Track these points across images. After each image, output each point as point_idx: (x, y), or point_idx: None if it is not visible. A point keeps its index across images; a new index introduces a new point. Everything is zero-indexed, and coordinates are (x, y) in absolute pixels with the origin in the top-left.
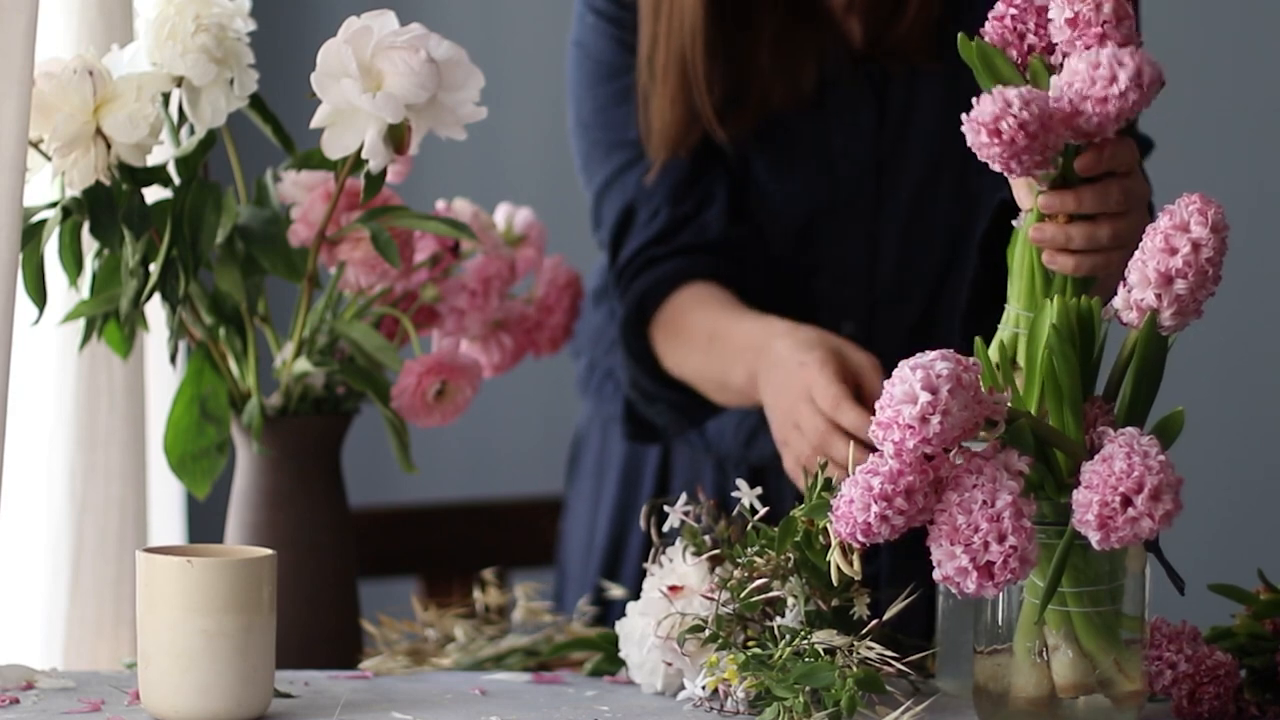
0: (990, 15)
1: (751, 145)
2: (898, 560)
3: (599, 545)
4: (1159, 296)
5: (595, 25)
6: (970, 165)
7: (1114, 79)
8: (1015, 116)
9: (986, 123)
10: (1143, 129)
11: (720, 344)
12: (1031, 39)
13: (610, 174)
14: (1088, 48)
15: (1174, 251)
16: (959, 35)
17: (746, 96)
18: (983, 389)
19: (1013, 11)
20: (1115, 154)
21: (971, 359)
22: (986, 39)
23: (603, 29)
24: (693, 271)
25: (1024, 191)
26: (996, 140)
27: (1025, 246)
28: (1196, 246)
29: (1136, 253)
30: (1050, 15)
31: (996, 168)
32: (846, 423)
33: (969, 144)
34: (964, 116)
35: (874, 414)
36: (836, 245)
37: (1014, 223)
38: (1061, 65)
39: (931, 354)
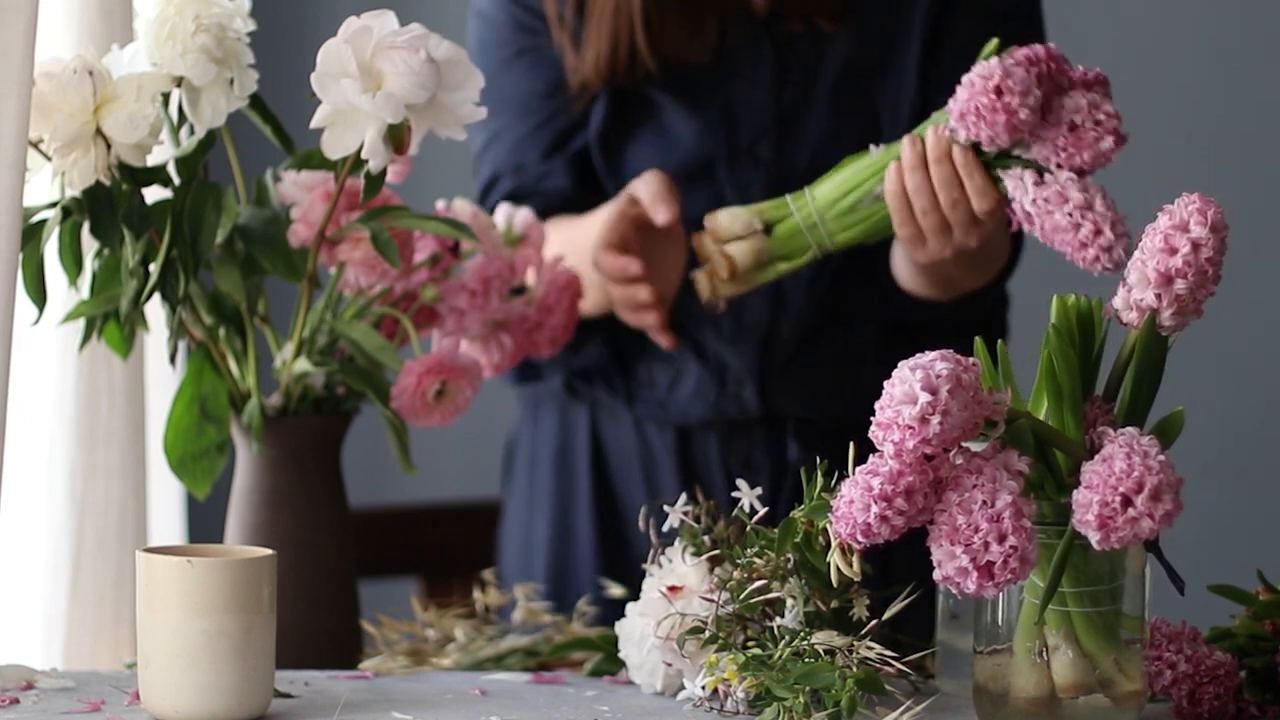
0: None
1: (659, 92)
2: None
3: (542, 538)
4: (1159, 296)
5: (503, 4)
6: (876, 124)
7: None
8: None
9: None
10: (1145, 127)
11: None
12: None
13: (486, 139)
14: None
15: (1174, 251)
16: None
17: (648, 42)
18: (982, 389)
19: None
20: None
21: (971, 359)
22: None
23: (507, 6)
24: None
25: None
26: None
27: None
28: (1196, 246)
29: (1136, 252)
30: None
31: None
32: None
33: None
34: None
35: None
36: (740, 194)
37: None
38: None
39: (931, 354)
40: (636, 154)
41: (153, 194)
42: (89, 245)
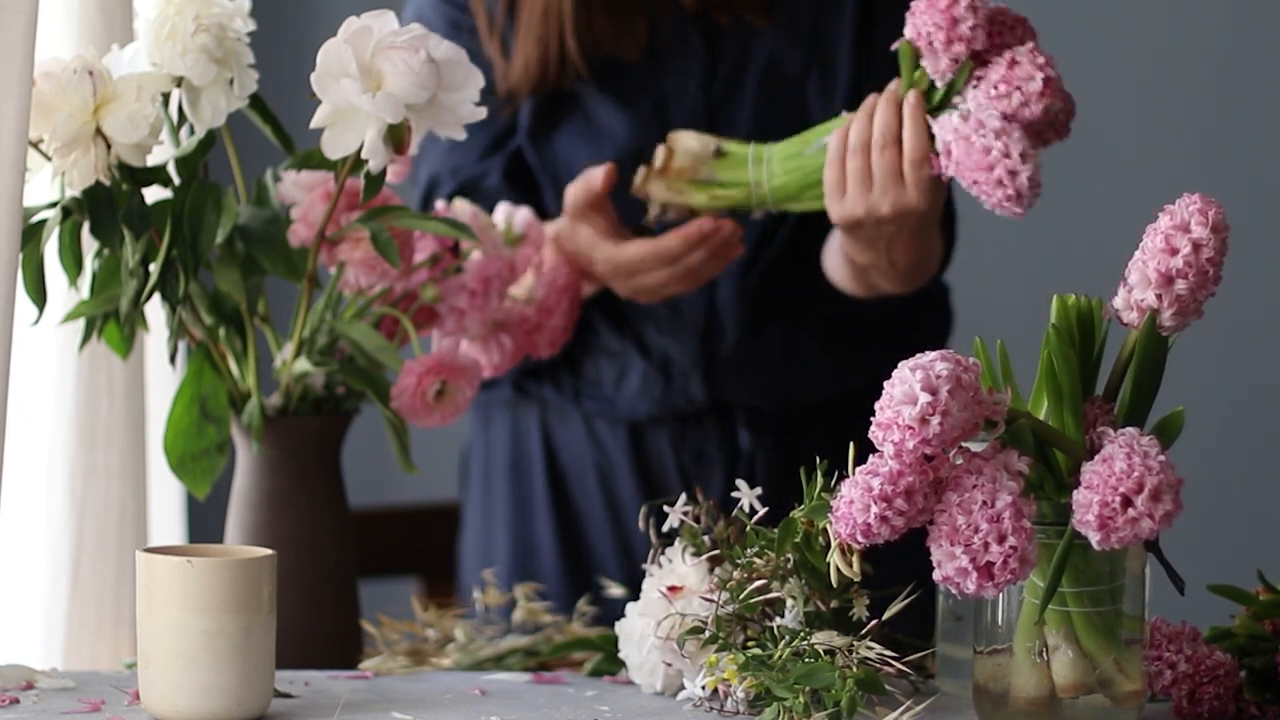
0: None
1: (588, 89)
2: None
3: (501, 546)
4: (1159, 297)
5: (436, 5)
6: (806, 119)
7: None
8: None
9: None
10: (1151, 124)
11: None
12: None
13: (423, 143)
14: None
15: (1175, 252)
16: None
17: (579, 45)
18: (982, 389)
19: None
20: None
21: (971, 359)
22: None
23: (440, 7)
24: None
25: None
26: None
27: None
28: (1197, 247)
29: (1137, 253)
30: None
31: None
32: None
33: None
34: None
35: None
36: None
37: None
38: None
39: (931, 354)
40: (568, 149)
41: (153, 194)
42: (89, 245)
